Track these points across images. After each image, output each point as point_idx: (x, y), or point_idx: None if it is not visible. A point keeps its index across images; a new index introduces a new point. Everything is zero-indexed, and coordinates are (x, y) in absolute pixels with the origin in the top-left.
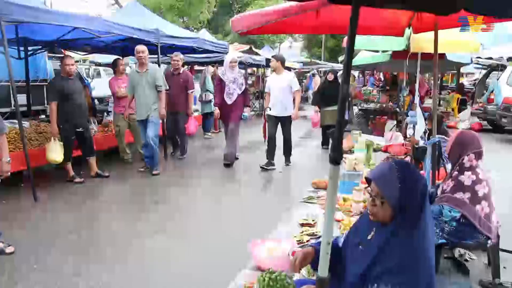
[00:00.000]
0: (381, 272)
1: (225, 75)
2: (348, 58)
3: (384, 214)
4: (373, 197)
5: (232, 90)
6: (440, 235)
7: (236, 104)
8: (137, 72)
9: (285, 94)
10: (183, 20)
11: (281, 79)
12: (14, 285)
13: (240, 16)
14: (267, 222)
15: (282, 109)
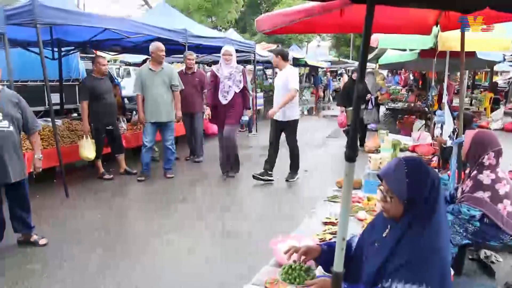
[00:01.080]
0: (395, 268)
1: (219, 70)
2: (362, 58)
3: (395, 210)
4: (384, 193)
5: (227, 87)
6: (464, 235)
7: (233, 105)
8: (151, 70)
9: (282, 93)
10: (211, 20)
11: (280, 76)
12: (47, 276)
13: (264, 16)
14: (290, 220)
15: (281, 112)
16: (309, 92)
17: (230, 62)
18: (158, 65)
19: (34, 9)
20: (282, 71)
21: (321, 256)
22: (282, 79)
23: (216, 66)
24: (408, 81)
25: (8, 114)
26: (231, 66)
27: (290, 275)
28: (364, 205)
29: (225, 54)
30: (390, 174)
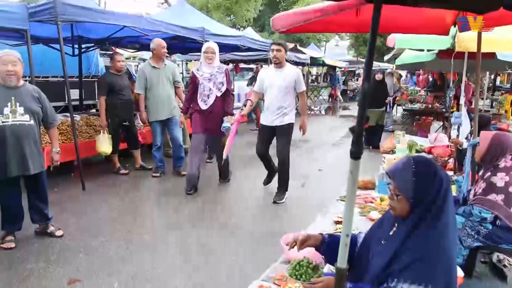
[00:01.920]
0: (400, 268)
1: (199, 70)
2: (369, 57)
3: (402, 208)
4: (391, 191)
5: (207, 91)
6: (475, 238)
7: (214, 111)
8: (153, 67)
9: (286, 96)
10: (230, 18)
11: (282, 75)
12: (62, 265)
13: (280, 15)
14: (303, 218)
15: (278, 117)
16: (327, 92)
17: (212, 62)
18: (160, 62)
19: (56, 6)
20: (282, 69)
21: (322, 244)
22: (285, 78)
23: (195, 67)
24: (428, 82)
25: (29, 109)
26: (213, 65)
27: (297, 271)
28: (377, 205)
29: (207, 52)
30: (398, 172)
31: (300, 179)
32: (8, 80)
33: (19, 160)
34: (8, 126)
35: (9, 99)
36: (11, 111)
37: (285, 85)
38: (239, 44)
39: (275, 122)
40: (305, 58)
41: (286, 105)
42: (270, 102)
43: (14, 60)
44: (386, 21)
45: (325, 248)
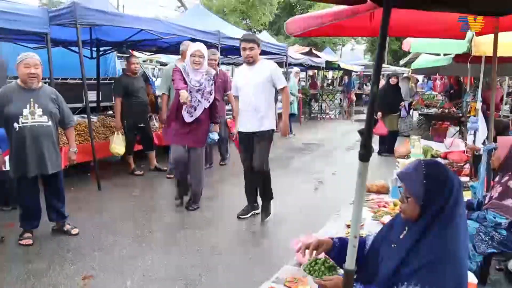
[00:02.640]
0: (410, 271)
1: (187, 76)
2: (378, 60)
3: (411, 210)
4: (402, 193)
5: (195, 102)
6: (490, 244)
7: (200, 124)
8: None
9: (261, 95)
10: (246, 22)
11: (255, 71)
12: (77, 262)
13: (294, 18)
14: (316, 221)
15: (256, 121)
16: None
17: (200, 67)
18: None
19: (75, 10)
20: (256, 65)
21: (333, 249)
22: (259, 75)
23: (181, 64)
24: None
25: (47, 110)
26: (201, 71)
27: (312, 267)
28: (390, 210)
29: (194, 55)
30: (408, 175)
31: (314, 182)
32: (30, 82)
33: (38, 160)
34: (27, 127)
35: (28, 100)
36: (30, 112)
37: (259, 82)
38: None
39: (252, 127)
40: (320, 62)
41: (262, 106)
42: (244, 104)
43: (36, 63)
44: (401, 25)
45: (335, 253)
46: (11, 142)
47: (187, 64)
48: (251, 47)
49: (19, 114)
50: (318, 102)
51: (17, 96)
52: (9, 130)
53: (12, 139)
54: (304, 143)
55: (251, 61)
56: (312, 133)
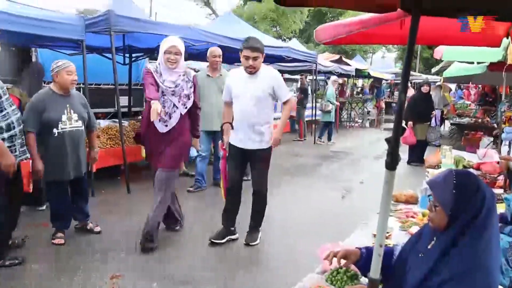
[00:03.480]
0: (439, 282)
1: (158, 76)
2: (406, 68)
3: (439, 220)
4: (430, 202)
5: (169, 108)
6: None
7: (177, 134)
8: (208, 76)
9: (261, 108)
10: (276, 30)
11: (256, 80)
12: (105, 263)
13: (323, 26)
14: (343, 229)
15: (256, 137)
16: (372, 105)
17: (176, 65)
18: (215, 71)
19: (110, 18)
20: (258, 73)
21: (360, 260)
22: (260, 85)
23: (153, 65)
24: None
25: (80, 115)
26: (177, 71)
27: (335, 277)
28: (418, 220)
29: (169, 51)
30: (438, 184)
31: (341, 191)
32: (70, 87)
33: (76, 163)
34: (66, 133)
35: (65, 106)
36: (67, 118)
37: (259, 95)
38: (284, 55)
39: (248, 144)
40: (350, 70)
41: (261, 120)
42: (240, 116)
43: (75, 70)
44: (432, 33)
45: (361, 263)
46: (46, 147)
47: (160, 62)
48: (256, 57)
49: (58, 119)
50: (347, 110)
51: (54, 102)
52: (45, 135)
53: (49, 144)
54: (332, 151)
55: (253, 72)
56: (341, 141)
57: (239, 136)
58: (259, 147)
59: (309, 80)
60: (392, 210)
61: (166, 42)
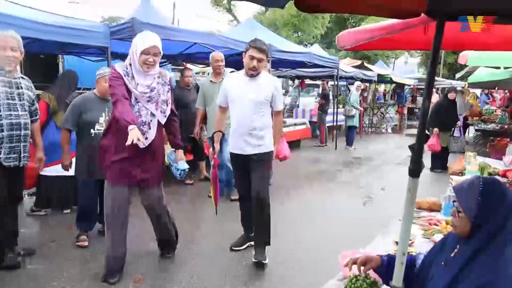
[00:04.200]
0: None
1: (129, 79)
2: (430, 75)
3: (462, 226)
4: (455, 207)
5: (146, 116)
6: None
7: (153, 149)
8: (212, 82)
9: (260, 113)
10: (297, 35)
11: (257, 85)
12: (127, 265)
13: (345, 32)
14: (363, 236)
15: (255, 141)
16: (394, 110)
17: (152, 68)
18: (217, 76)
19: (134, 25)
20: (259, 78)
21: (381, 267)
22: (260, 90)
23: (120, 66)
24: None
25: None
26: (152, 73)
27: (354, 284)
28: (442, 228)
29: (147, 52)
30: (463, 189)
31: (362, 198)
32: (107, 95)
33: None
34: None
35: (103, 110)
36: (104, 120)
37: (260, 100)
38: (305, 60)
39: (248, 149)
40: (372, 75)
41: (260, 125)
42: (238, 121)
43: None
44: (457, 38)
45: (382, 270)
46: (82, 146)
47: (132, 63)
48: (260, 59)
49: (96, 121)
50: (368, 115)
51: (95, 105)
52: (83, 135)
53: (86, 144)
54: (354, 157)
55: (255, 74)
56: (363, 147)
57: (238, 143)
58: (259, 151)
59: (330, 86)
60: (414, 217)
61: (143, 40)
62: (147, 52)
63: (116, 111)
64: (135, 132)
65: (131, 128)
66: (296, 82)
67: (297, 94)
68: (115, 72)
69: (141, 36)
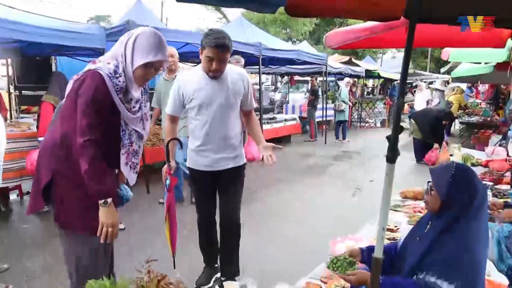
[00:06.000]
0: (430, 263)
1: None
2: (403, 73)
3: (433, 203)
4: (429, 186)
5: (137, 143)
6: None
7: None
8: (165, 80)
9: (231, 117)
10: (286, 32)
11: (225, 83)
12: (133, 255)
13: (331, 33)
14: (353, 224)
15: (227, 153)
16: (382, 104)
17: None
18: (171, 73)
19: (129, 27)
20: (224, 74)
21: (362, 256)
22: (229, 88)
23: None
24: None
25: None
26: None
27: (335, 264)
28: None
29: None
30: (437, 170)
31: (351, 189)
32: None
33: None
34: None
35: None
36: None
37: (231, 101)
38: (295, 58)
39: (220, 164)
40: (360, 71)
41: (235, 133)
42: (207, 131)
43: None
44: (440, 35)
45: (364, 258)
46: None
47: (126, 75)
48: (224, 58)
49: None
50: (357, 110)
51: None
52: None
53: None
54: (343, 150)
55: (218, 76)
56: (352, 141)
57: (209, 156)
58: (234, 165)
59: (319, 82)
60: (400, 205)
61: (153, 48)
62: (151, 66)
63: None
64: (110, 219)
65: (104, 205)
66: (285, 79)
67: (286, 91)
68: (94, 77)
69: (147, 40)
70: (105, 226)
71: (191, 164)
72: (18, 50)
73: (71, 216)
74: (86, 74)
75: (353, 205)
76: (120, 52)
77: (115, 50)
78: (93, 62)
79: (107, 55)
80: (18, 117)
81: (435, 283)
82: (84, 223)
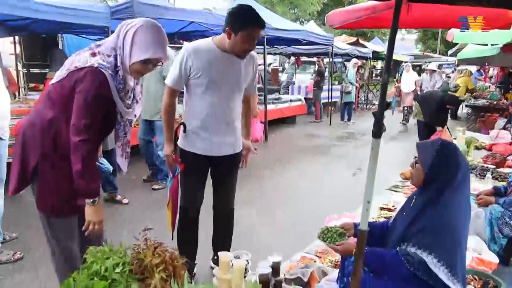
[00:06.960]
0: (412, 234)
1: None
2: (389, 51)
3: (417, 177)
4: (414, 160)
5: (129, 133)
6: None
7: None
8: None
9: (237, 100)
10: (294, 12)
11: (240, 65)
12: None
13: (333, 12)
14: (351, 203)
15: (229, 138)
16: (392, 86)
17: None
18: None
19: (133, 5)
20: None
21: (355, 230)
22: (243, 70)
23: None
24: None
25: None
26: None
27: (326, 234)
28: None
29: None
30: (423, 145)
31: (353, 169)
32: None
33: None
34: None
35: None
36: None
37: (241, 85)
38: (300, 38)
39: (222, 149)
40: (367, 52)
41: (236, 116)
42: (212, 112)
43: None
44: (445, 16)
45: (356, 232)
46: None
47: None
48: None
49: None
50: (364, 92)
51: None
52: None
53: None
54: (348, 132)
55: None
56: (357, 123)
57: (210, 139)
58: (234, 151)
59: (326, 63)
60: (400, 186)
61: (150, 44)
62: (149, 62)
63: (78, 164)
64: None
65: (92, 204)
66: (292, 59)
67: (293, 71)
68: (94, 75)
69: (147, 36)
70: (92, 224)
71: (183, 145)
72: (24, 27)
73: (51, 200)
74: (87, 69)
75: (353, 183)
76: (119, 44)
77: (114, 40)
78: (92, 54)
79: (106, 45)
80: (26, 94)
81: (415, 253)
82: (64, 208)
